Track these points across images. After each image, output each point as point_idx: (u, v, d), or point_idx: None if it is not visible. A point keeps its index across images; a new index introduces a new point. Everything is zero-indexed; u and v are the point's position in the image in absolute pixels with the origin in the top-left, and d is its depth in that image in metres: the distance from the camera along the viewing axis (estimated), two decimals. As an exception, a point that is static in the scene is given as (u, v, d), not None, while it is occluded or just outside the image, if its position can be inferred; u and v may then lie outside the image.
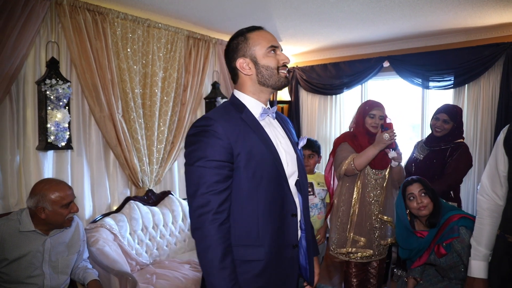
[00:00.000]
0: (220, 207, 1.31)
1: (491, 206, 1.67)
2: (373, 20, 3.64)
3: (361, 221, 2.52)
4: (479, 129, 3.96)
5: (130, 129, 3.37)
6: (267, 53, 1.44)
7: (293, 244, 1.48)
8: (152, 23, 3.49)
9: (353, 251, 2.52)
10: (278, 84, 1.47)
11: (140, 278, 2.80)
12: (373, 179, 2.55)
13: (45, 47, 2.87)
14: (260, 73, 1.45)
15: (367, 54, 4.71)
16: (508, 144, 1.60)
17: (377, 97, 4.89)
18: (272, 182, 1.40)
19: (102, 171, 3.34)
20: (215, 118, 1.35)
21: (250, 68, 1.45)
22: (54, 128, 2.77)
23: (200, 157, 1.31)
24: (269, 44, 1.44)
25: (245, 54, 1.46)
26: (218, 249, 1.29)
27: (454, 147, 2.89)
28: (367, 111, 2.56)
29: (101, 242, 2.77)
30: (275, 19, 3.60)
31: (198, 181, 1.30)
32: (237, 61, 1.46)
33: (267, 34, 1.48)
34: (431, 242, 2.28)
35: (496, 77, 3.82)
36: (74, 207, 2.18)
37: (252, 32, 1.47)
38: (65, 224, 2.17)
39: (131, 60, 3.36)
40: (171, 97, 3.72)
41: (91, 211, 3.27)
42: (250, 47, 1.45)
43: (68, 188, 2.17)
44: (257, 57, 1.44)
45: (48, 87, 2.73)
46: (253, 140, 1.38)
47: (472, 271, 1.68)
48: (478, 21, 3.62)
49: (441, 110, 2.95)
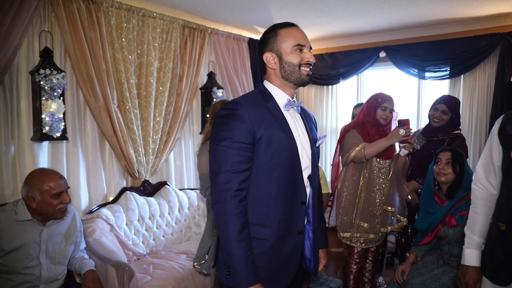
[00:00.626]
0: (241, 185, 1.41)
1: (485, 195, 1.68)
2: (369, 10, 3.62)
3: (366, 208, 2.58)
4: (474, 120, 3.98)
5: (126, 120, 3.35)
6: (293, 50, 1.51)
7: (298, 230, 1.56)
8: (147, 13, 3.45)
9: (357, 236, 2.58)
10: (299, 81, 1.54)
11: (137, 269, 2.82)
12: (376, 167, 2.59)
13: (39, 37, 2.83)
14: (283, 68, 1.53)
15: (364, 44, 4.69)
16: (503, 135, 1.61)
17: (373, 87, 4.91)
18: (287, 169, 1.49)
19: (98, 162, 3.33)
20: (242, 103, 1.45)
21: (275, 63, 1.54)
22: (48, 118, 2.75)
23: (226, 137, 1.40)
24: (296, 42, 1.51)
25: (272, 49, 1.54)
26: (237, 223, 1.38)
27: (452, 138, 2.90)
28: (379, 103, 2.59)
29: (97, 233, 2.77)
30: (271, 8, 3.57)
31: (223, 159, 1.40)
32: (265, 55, 1.55)
33: (297, 32, 1.54)
34: (445, 213, 2.38)
35: (492, 68, 3.83)
36: (66, 198, 2.13)
37: (283, 28, 1.54)
38: (56, 215, 2.13)
39: (126, 50, 3.32)
40: (167, 87, 3.70)
41: (87, 202, 3.26)
42: (278, 43, 1.52)
43: (59, 178, 2.12)
44: (283, 53, 1.52)
45: (42, 77, 2.70)
46: (275, 128, 1.47)
47: (466, 259, 1.70)
48: (474, 11, 3.61)
49: (440, 101, 2.96)
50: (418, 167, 2.98)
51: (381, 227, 2.62)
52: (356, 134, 2.62)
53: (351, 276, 2.67)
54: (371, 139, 2.58)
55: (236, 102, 1.47)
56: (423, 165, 2.89)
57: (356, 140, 2.59)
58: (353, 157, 2.55)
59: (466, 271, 1.70)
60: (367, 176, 2.58)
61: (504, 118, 1.64)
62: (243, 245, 1.40)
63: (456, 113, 2.95)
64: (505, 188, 1.60)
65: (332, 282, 3.53)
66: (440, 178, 2.46)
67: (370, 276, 2.81)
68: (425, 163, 2.88)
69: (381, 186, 2.60)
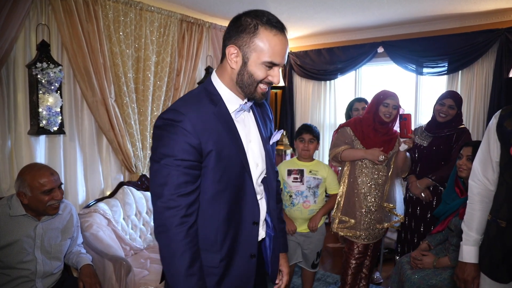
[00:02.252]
0: (189, 209, 1.21)
1: (482, 191, 1.68)
2: (367, 5, 3.61)
3: (348, 203, 2.61)
4: (472, 116, 4.00)
5: (123, 114, 3.34)
6: (262, 63, 1.24)
7: (251, 253, 1.39)
8: (144, 6, 3.42)
9: (339, 231, 2.63)
10: (251, 96, 1.32)
11: (134, 263, 2.82)
12: (370, 163, 2.59)
13: (35, 30, 2.81)
14: (241, 74, 1.27)
15: (361, 39, 4.68)
16: (501, 130, 1.59)
17: (371, 83, 4.90)
18: (238, 187, 1.32)
19: (95, 156, 3.32)
20: (185, 112, 1.21)
21: (236, 62, 1.26)
22: (46, 112, 2.74)
23: (168, 154, 1.19)
24: (271, 59, 1.23)
25: (241, 46, 1.24)
26: (186, 255, 1.20)
27: (459, 133, 2.91)
28: (381, 100, 2.58)
29: (95, 227, 2.77)
30: (269, 3, 3.55)
31: (166, 181, 1.19)
32: (229, 48, 1.26)
33: (280, 43, 1.24)
34: (461, 205, 2.40)
35: (490, 64, 3.83)
36: (58, 195, 2.09)
37: (267, 28, 1.22)
38: (47, 211, 2.10)
39: (123, 44, 3.31)
40: (164, 81, 3.68)
41: (84, 196, 3.25)
42: (251, 45, 1.23)
43: (50, 174, 2.08)
44: (250, 59, 1.24)
45: (39, 70, 2.68)
46: (225, 140, 1.26)
47: (464, 256, 1.70)
48: (472, 7, 3.61)
49: (447, 96, 2.95)
50: (428, 163, 2.96)
51: (377, 223, 2.63)
52: (344, 133, 2.67)
53: (350, 272, 2.68)
54: (365, 136, 2.60)
55: (177, 111, 1.21)
56: (433, 161, 2.89)
57: (341, 140, 2.66)
58: (332, 157, 2.67)
59: (464, 268, 1.69)
60: (348, 171, 2.64)
61: (502, 113, 1.61)
62: (194, 280, 1.20)
63: (460, 109, 2.96)
64: (503, 184, 1.59)
65: (329, 277, 3.55)
66: (460, 173, 2.47)
67: (367, 271, 2.83)
68: (434, 160, 2.88)
69: (376, 182, 2.60)
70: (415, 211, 3.03)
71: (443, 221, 2.56)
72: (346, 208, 2.63)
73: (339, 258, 3.97)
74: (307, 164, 2.80)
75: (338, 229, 2.64)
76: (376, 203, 2.60)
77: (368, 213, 2.59)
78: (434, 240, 2.61)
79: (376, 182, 2.60)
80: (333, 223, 2.67)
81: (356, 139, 2.63)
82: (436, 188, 2.94)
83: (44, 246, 2.15)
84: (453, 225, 2.43)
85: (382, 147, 2.55)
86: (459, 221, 2.36)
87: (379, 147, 2.54)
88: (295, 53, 5.18)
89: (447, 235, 2.56)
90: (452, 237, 2.45)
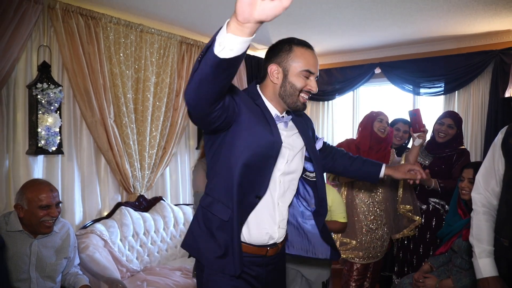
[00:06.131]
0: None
1: (486, 203, 1.67)
2: (365, 27, 3.68)
3: (348, 224, 2.57)
4: (469, 136, 4.01)
5: (122, 134, 3.34)
6: (301, 73, 1.44)
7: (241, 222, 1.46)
8: (145, 28, 3.48)
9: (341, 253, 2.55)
10: (293, 106, 1.48)
11: (131, 285, 2.76)
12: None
13: (37, 51, 2.85)
14: (284, 86, 1.45)
15: (359, 60, 4.75)
16: (506, 147, 1.61)
17: (369, 103, 4.94)
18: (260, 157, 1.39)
19: (93, 176, 3.31)
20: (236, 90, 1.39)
21: (278, 78, 1.46)
22: (44, 132, 2.74)
23: None
24: (307, 67, 1.44)
25: (280, 63, 1.45)
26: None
27: (459, 154, 2.89)
28: (374, 117, 2.65)
29: (91, 249, 2.73)
30: (268, 24, 3.62)
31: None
32: (270, 66, 1.47)
33: (312, 57, 1.48)
34: (464, 226, 2.38)
35: (486, 84, 3.87)
36: (54, 212, 2.09)
37: (299, 46, 1.47)
38: (40, 228, 2.08)
39: (123, 65, 3.35)
40: (164, 102, 3.71)
41: (81, 217, 3.22)
42: (289, 60, 1.44)
43: (49, 190, 2.10)
44: (290, 71, 1.44)
45: (39, 91, 2.70)
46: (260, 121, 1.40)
47: (483, 271, 1.59)
48: (467, 29, 3.68)
49: (446, 115, 2.95)
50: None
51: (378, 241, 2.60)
52: None
53: None
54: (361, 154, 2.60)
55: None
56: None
57: None
58: (331, 179, 2.68)
59: (487, 284, 1.58)
60: (345, 192, 2.65)
61: (508, 129, 1.63)
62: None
63: (460, 128, 2.96)
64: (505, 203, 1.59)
65: (329, 299, 3.48)
66: (463, 196, 2.45)
67: (367, 292, 2.78)
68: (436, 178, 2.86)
69: (374, 199, 2.60)
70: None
71: (446, 242, 2.53)
72: (346, 229, 2.59)
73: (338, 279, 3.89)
74: None
75: (340, 251, 2.60)
76: (376, 221, 2.59)
77: (368, 232, 2.58)
78: (436, 262, 2.58)
79: (374, 200, 2.60)
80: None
81: None
82: (437, 209, 2.92)
83: (39, 264, 2.12)
84: (457, 246, 2.40)
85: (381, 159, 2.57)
86: (463, 242, 2.34)
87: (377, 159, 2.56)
88: (293, 74, 5.23)
89: (450, 257, 2.53)
90: (456, 258, 2.42)
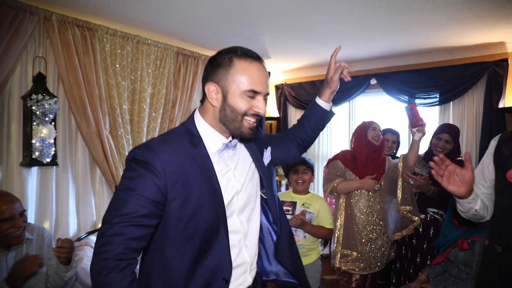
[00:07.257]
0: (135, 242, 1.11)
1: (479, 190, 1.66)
2: (361, 39, 3.71)
3: (348, 235, 2.57)
4: (464, 145, 4.02)
5: (118, 145, 3.33)
6: (244, 93, 1.17)
7: None
8: (141, 39, 3.49)
9: (342, 265, 2.56)
10: (237, 132, 1.22)
11: (126, 298, 2.72)
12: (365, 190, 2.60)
13: (32, 62, 2.84)
14: (223, 110, 1.20)
15: (355, 71, 4.73)
16: (498, 154, 1.61)
17: (365, 113, 4.96)
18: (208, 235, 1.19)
19: (88, 188, 3.28)
20: (159, 151, 1.14)
21: (217, 99, 1.20)
22: (39, 144, 2.72)
23: (131, 188, 1.11)
24: (250, 87, 1.17)
25: (219, 82, 1.19)
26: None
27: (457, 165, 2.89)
28: (367, 126, 2.67)
29: (85, 261, 2.69)
30: (265, 37, 3.64)
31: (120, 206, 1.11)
32: (208, 85, 1.21)
33: (258, 71, 1.19)
34: (460, 236, 2.39)
35: (480, 95, 3.91)
36: (19, 223, 1.98)
37: (241, 59, 1.18)
38: (9, 241, 1.98)
39: (119, 76, 3.34)
40: (160, 113, 3.70)
41: (75, 229, 3.19)
42: (229, 78, 1.17)
43: (9, 201, 1.99)
44: (230, 93, 1.18)
45: (34, 102, 2.69)
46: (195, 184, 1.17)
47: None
48: (462, 41, 3.72)
49: (444, 130, 2.95)
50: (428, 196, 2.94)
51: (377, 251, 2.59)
52: (335, 166, 2.70)
53: None
54: (357, 165, 2.64)
55: (150, 149, 1.15)
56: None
57: (331, 174, 2.68)
58: (329, 191, 2.66)
59: None
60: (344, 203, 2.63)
61: (501, 138, 1.64)
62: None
63: (457, 142, 2.96)
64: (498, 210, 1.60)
65: (326, 311, 3.44)
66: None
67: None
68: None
69: (373, 209, 2.61)
70: (411, 241, 2.98)
71: (443, 252, 2.53)
72: (346, 241, 2.57)
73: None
74: (301, 197, 2.70)
75: (341, 264, 2.57)
76: (375, 230, 2.59)
77: (368, 242, 2.58)
78: (433, 272, 2.57)
79: (373, 209, 2.61)
80: (334, 258, 2.61)
81: (348, 170, 2.67)
82: (435, 219, 2.92)
83: None
84: (453, 256, 2.41)
85: (375, 173, 2.60)
86: (459, 252, 2.36)
87: (372, 173, 2.59)
88: (289, 85, 5.26)
89: (446, 267, 2.53)
90: (452, 269, 2.42)
